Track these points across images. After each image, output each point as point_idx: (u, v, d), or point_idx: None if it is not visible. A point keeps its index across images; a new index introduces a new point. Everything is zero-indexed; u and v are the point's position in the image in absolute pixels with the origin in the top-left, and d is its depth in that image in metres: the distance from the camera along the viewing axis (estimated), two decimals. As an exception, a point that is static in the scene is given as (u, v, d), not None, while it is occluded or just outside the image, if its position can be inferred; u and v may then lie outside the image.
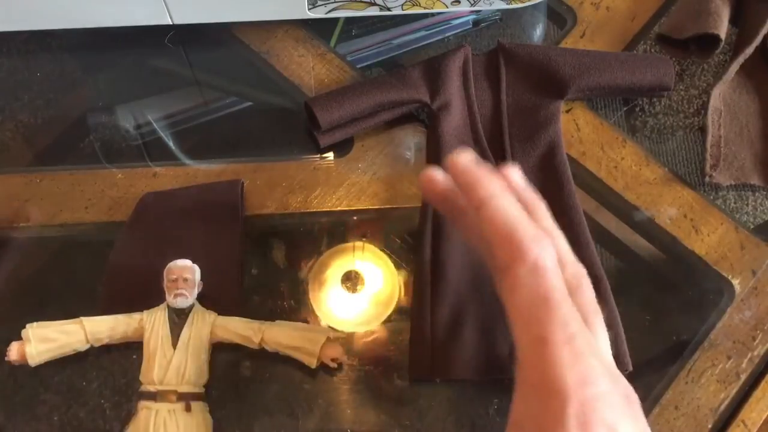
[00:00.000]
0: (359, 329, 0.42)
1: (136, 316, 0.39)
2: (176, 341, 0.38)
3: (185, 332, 0.39)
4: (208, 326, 0.39)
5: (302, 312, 0.42)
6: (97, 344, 0.39)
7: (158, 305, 0.40)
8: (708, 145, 0.46)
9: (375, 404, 0.40)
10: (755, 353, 0.41)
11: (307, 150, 0.47)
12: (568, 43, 0.51)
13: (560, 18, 0.53)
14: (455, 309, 0.41)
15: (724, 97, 0.48)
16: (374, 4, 0.47)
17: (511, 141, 0.46)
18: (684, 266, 0.44)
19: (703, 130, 0.47)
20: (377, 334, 0.42)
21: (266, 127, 0.49)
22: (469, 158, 0.33)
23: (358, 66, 0.50)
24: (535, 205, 0.34)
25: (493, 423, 0.39)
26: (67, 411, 0.39)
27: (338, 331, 0.42)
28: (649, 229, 0.45)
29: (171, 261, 0.41)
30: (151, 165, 0.46)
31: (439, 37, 0.52)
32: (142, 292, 0.41)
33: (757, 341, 0.41)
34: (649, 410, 0.40)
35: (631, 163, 0.47)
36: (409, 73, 0.47)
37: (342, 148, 0.47)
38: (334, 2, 0.47)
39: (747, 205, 0.46)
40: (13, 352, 0.38)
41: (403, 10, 0.48)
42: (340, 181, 0.46)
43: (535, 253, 0.29)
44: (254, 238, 0.44)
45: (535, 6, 0.51)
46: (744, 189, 0.46)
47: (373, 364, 0.41)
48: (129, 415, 0.38)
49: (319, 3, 0.47)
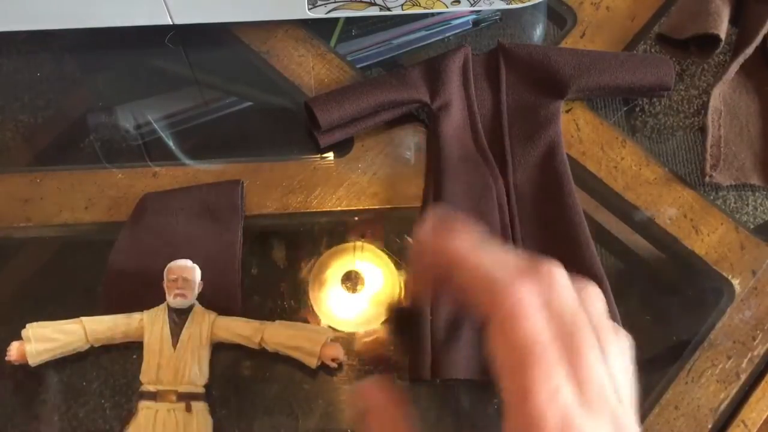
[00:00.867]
0: (359, 329, 0.42)
1: (136, 316, 0.39)
2: (176, 341, 0.38)
3: (185, 332, 0.39)
4: (208, 326, 0.39)
5: (302, 312, 0.42)
6: (97, 344, 0.39)
7: (158, 305, 0.40)
8: (708, 145, 0.46)
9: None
10: (755, 353, 0.41)
11: (307, 150, 0.47)
12: (568, 43, 0.51)
13: (560, 18, 0.52)
14: (455, 309, 0.41)
15: (724, 97, 0.48)
16: (374, 4, 0.47)
17: (511, 141, 0.46)
18: (684, 266, 0.44)
19: (703, 130, 0.47)
20: (377, 334, 0.42)
21: (266, 127, 0.49)
22: (429, 228, 0.31)
23: (358, 66, 0.50)
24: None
25: (493, 423, 0.39)
26: (67, 411, 0.39)
27: (338, 331, 0.42)
28: (649, 229, 0.45)
29: (171, 261, 0.41)
30: (151, 165, 0.46)
31: (439, 37, 0.52)
32: (142, 293, 0.41)
33: (757, 341, 0.41)
34: (649, 410, 0.40)
35: (631, 163, 0.47)
36: (409, 73, 0.47)
37: (342, 148, 0.47)
38: (334, 2, 0.47)
39: (747, 205, 0.46)
40: (13, 351, 0.38)
41: (403, 10, 0.48)
42: (340, 181, 0.46)
43: (513, 298, 0.27)
44: (254, 238, 0.44)
45: (535, 6, 0.51)
46: (744, 189, 0.46)
47: (373, 364, 0.41)
48: (129, 415, 0.38)
49: (319, 3, 0.47)
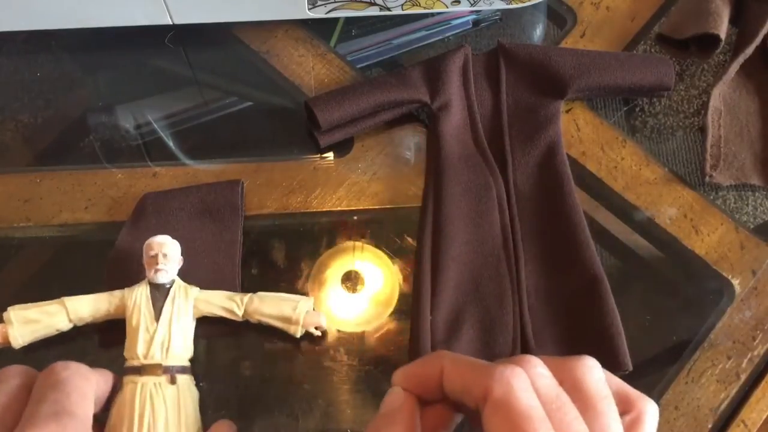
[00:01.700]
0: (359, 329, 0.42)
1: (117, 293, 0.39)
2: (159, 315, 0.38)
3: (167, 307, 0.38)
4: (191, 300, 0.39)
5: (302, 312, 0.42)
6: (80, 323, 0.39)
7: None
8: (708, 145, 0.46)
9: (375, 404, 0.40)
10: (755, 353, 0.41)
11: (307, 150, 0.47)
12: (568, 43, 0.51)
13: (560, 18, 0.52)
14: (455, 309, 0.41)
15: (724, 97, 0.48)
16: (374, 4, 0.47)
17: (511, 141, 0.46)
18: (684, 266, 0.44)
19: (703, 130, 0.47)
20: (377, 334, 0.42)
21: (266, 127, 0.49)
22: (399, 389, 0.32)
23: (358, 66, 0.50)
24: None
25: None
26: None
27: (338, 331, 0.42)
28: (649, 229, 0.45)
29: None
30: (151, 165, 0.46)
31: (439, 37, 0.52)
32: None
33: (757, 341, 0.41)
34: (649, 410, 0.40)
35: (631, 163, 0.47)
36: (409, 73, 0.47)
37: (342, 148, 0.47)
38: (334, 2, 0.47)
39: (747, 205, 0.46)
40: None
41: (403, 10, 0.48)
42: (340, 181, 0.46)
43: (504, 381, 0.28)
44: (254, 238, 0.44)
45: (535, 6, 0.51)
46: (744, 189, 0.46)
47: (373, 364, 0.41)
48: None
49: (319, 3, 0.47)
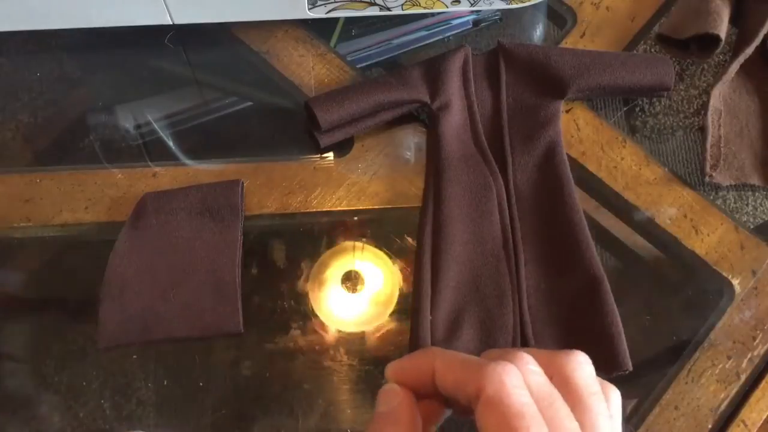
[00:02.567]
0: (359, 329, 0.42)
1: None
2: None
3: None
4: None
5: (302, 312, 0.42)
6: None
7: (159, 302, 0.39)
8: (708, 145, 0.46)
9: (375, 404, 0.40)
10: (755, 353, 0.41)
11: (307, 150, 0.47)
12: (568, 43, 0.51)
13: (560, 18, 0.52)
14: (455, 309, 0.41)
15: (724, 97, 0.48)
16: (374, 4, 0.47)
17: (511, 141, 0.46)
18: (684, 266, 0.44)
19: (703, 130, 0.47)
20: (377, 334, 0.42)
21: (266, 127, 0.49)
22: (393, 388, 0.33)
23: (358, 66, 0.50)
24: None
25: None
26: (67, 411, 0.39)
27: (338, 331, 0.42)
28: (649, 229, 0.45)
29: (171, 261, 0.41)
30: (151, 165, 0.46)
31: (439, 37, 0.52)
32: (142, 293, 0.41)
33: (757, 341, 0.42)
34: (649, 410, 0.40)
35: (631, 163, 0.47)
36: (409, 73, 0.47)
37: (342, 148, 0.47)
38: (334, 2, 0.47)
39: (747, 205, 0.46)
40: None
41: (403, 10, 0.48)
42: (340, 181, 0.46)
43: (497, 377, 0.29)
44: (254, 238, 0.44)
45: (535, 6, 0.51)
46: (744, 189, 0.46)
47: (373, 364, 0.41)
48: (129, 414, 0.38)
49: (319, 3, 0.47)
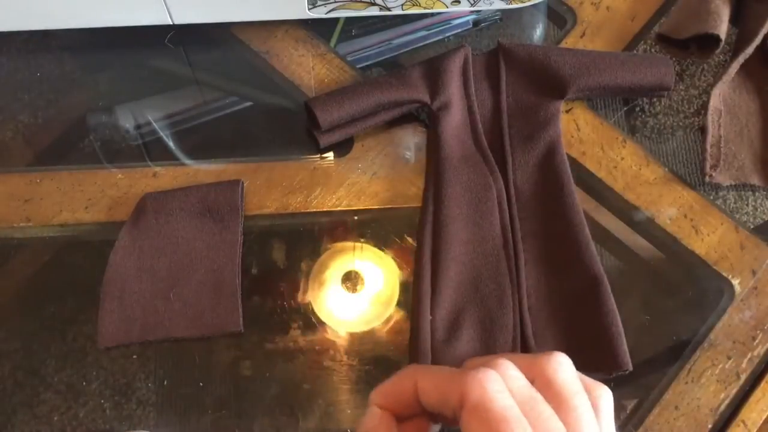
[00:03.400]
0: (359, 329, 0.42)
1: None
2: None
3: None
4: None
5: (302, 312, 0.42)
6: None
7: (159, 303, 0.39)
8: (708, 145, 0.46)
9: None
10: (755, 353, 0.41)
11: (307, 150, 0.47)
12: (568, 43, 0.51)
13: (560, 18, 0.52)
14: (455, 309, 0.41)
15: (724, 97, 0.48)
16: (374, 4, 0.47)
17: (511, 141, 0.46)
18: (684, 266, 0.44)
19: (703, 130, 0.47)
20: (377, 334, 0.42)
21: (266, 127, 0.49)
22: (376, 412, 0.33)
23: (358, 66, 0.50)
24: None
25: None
26: (67, 411, 0.40)
27: (338, 331, 0.42)
28: (649, 229, 0.45)
29: (171, 260, 0.41)
30: (151, 165, 0.46)
31: (439, 37, 0.52)
32: (142, 293, 0.41)
33: (757, 341, 0.41)
34: (649, 410, 0.40)
35: (631, 163, 0.47)
36: (409, 73, 0.47)
37: (342, 148, 0.47)
38: (334, 2, 0.47)
39: (747, 205, 0.46)
40: None
41: (403, 10, 0.48)
42: (340, 181, 0.46)
43: (480, 385, 0.30)
44: (254, 238, 0.44)
45: (535, 6, 0.51)
46: (744, 189, 0.46)
47: (373, 364, 0.41)
48: (129, 414, 0.38)
49: (319, 3, 0.47)
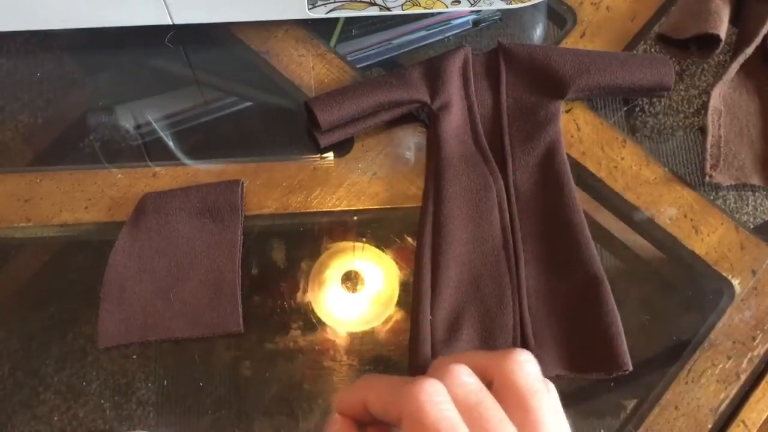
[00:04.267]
0: (359, 329, 0.42)
1: None
2: None
3: None
4: None
5: (302, 312, 0.42)
6: None
7: (159, 302, 0.39)
8: (708, 145, 0.46)
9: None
10: (755, 353, 0.41)
11: (307, 150, 0.47)
12: (568, 43, 0.51)
13: (560, 18, 0.52)
14: (455, 309, 0.41)
15: (724, 97, 0.48)
16: (374, 4, 0.47)
17: (511, 141, 0.46)
18: (684, 266, 0.44)
19: (703, 130, 0.47)
20: (377, 334, 0.42)
21: (266, 127, 0.49)
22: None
23: (358, 66, 0.50)
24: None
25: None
26: (67, 411, 0.40)
27: (338, 331, 0.42)
28: (649, 229, 0.45)
29: (172, 261, 0.41)
30: (151, 165, 0.46)
31: (439, 37, 0.52)
32: (142, 293, 0.41)
33: (757, 341, 0.42)
34: (649, 410, 0.40)
35: (631, 163, 0.47)
36: (409, 73, 0.47)
37: (342, 148, 0.47)
38: (334, 2, 0.47)
39: (747, 205, 0.46)
40: None
41: (403, 10, 0.48)
42: (340, 181, 0.46)
43: (417, 396, 0.30)
44: (254, 238, 0.44)
45: (535, 6, 0.51)
46: (744, 189, 0.46)
47: (373, 364, 0.41)
48: (129, 414, 0.38)
49: (319, 3, 0.47)
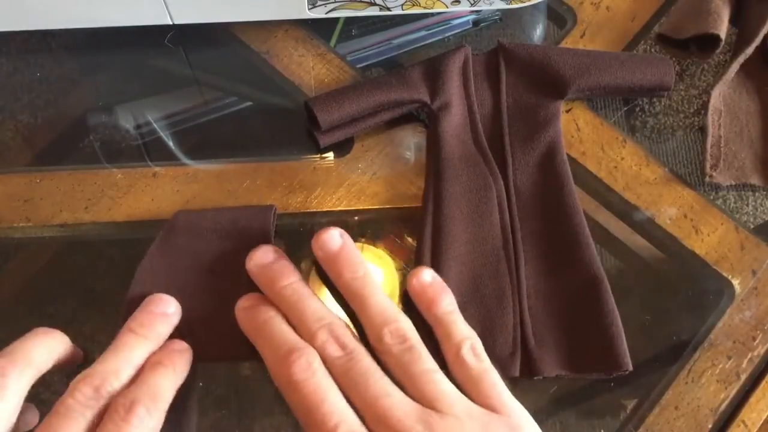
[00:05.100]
0: (359, 329, 0.42)
1: None
2: None
3: None
4: None
5: (302, 312, 0.42)
6: None
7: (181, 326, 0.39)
8: (708, 145, 0.46)
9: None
10: (755, 353, 0.41)
11: (307, 150, 0.47)
12: (568, 43, 0.51)
13: (560, 18, 0.52)
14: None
15: (724, 97, 0.48)
16: (374, 4, 0.47)
17: (511, 141, 0.46)
18: (684, 266, 0.44)
19: (703, 130, 0.47)
20: (377, 334, 0.42)
21: (266, 127, 0.49)
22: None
23: (358, 66, 0.50)
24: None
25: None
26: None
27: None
28: (649, 229, 0.45)
29: (198, 282, 0.40)
30: (151, 165, 0.46)
31: (439, 37, 0.52)
32: None
33: (757, 341, 0.41)
34: (649, 410, 0.40)
35: (631, 163, 0.47)
36: (409, 73, 0.47)
37: (342, 148, 0.47)
38: (334, 2, 0.47)
39: (747, 205, 0.46)
40: None
41: (403, 10, 0.48)
42: (340, 181, 0.46)
43: (288, 368, 0.33)
44: (254, 238, 0.44)
45: (535, 6, 0.51)
46: (744, 189, 0.46)
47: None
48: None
49: (319, 3, 0.47)
